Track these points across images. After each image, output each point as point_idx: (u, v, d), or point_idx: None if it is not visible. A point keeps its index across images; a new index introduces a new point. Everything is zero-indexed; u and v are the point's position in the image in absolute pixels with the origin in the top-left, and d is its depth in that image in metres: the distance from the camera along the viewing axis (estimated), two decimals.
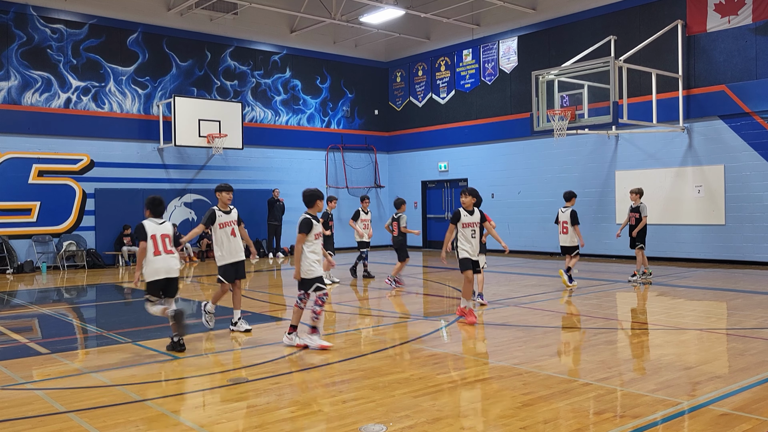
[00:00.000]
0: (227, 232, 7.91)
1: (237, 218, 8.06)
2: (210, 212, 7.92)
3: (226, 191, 8.05)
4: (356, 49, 23.11)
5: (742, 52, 15.06)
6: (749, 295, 10.41)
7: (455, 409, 4.83)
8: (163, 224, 7.22)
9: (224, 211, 7.95)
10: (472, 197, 8.47)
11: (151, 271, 6.92)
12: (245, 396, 5.33)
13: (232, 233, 7.93)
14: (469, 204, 8.45)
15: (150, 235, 6.98)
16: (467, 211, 8.43)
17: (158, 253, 6.95)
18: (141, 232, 7.01)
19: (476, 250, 8.43)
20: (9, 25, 16.53)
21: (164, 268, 6.95)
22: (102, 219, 17.76)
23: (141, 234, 7.00)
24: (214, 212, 7.90)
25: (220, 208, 7.95)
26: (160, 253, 6.96)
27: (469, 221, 8.39)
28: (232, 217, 7.97)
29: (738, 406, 4.78)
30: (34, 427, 4.59)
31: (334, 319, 9.26)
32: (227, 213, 7.96)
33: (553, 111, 15.18)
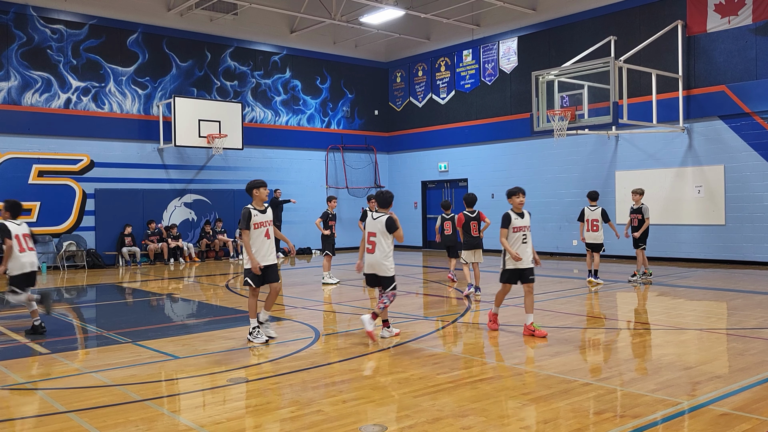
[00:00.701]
0: (262, 233, 7.25)
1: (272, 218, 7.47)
2: (245, 212, 7.23)
3: (264, 187, 7.35)
4: (356, 49, 23.11)
5: (742, 52, 15.06)
6: (749, 295, 10.41)
7: (455, 409, 4.83)
8: (21, 225, 8.14)
9: (260, 210, 7.29)
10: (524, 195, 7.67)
11: (17, 266, 7.92)
12: (245, 396, 5.33)
13: (266, 234, 7.28)
14: (519, 205, 7.58)
15: (14, 235, 7.92)
16: (517, 213, 7.57)
17: (23, 250, 7.96)
18: (6, 232, 7.88)
19: (529, 258, 7.50)
20: (9, 26, 16.54)
21: (29, 262, 8.04)
22: (102, 219, 17.76)
23: (6, 233, 7.87)
24: (250, 212, 7.21)
25: (256, 207, 7.29)
26: (24, 250, 7.99)
27: (520, 224, 7.50)
28: (267, 217, 7.33)
29: (738, 406, 4.78)
30: (34, 427, 4.59)
31: (332, 319, 9.26)
32: (263, 212, 7.30)
33: (553, 111, 15.18)
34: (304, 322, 8.81)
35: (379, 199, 7.52)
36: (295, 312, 9.76)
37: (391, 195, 7.57)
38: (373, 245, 7.35)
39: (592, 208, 12.33)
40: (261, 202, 7.35)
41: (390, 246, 7.33)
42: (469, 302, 10.24)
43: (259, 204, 7.33)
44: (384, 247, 7.27)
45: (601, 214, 12.19)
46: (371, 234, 7.39)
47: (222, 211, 19.83)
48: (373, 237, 7.34)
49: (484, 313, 9.15)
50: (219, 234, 19.37)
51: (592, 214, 12.30)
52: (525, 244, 7.47)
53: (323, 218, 13.12)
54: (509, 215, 7.50)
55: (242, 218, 7.20)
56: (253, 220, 7.18)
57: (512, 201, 7.56)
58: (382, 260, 7.27)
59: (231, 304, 10.63)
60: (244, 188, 7.53)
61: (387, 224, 7.24)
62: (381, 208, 7.48)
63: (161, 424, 4.60)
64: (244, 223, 7.17)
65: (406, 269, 15.76)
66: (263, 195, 7.35)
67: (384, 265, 7.27)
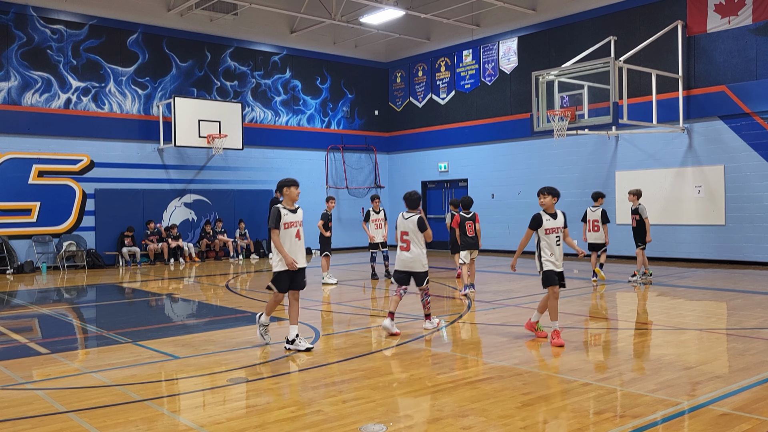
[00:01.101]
0: (292, 234, 6.85)
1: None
2: (275, 212, 6.83)
3: (295, 186, 6.96)
4: (356, 49, 23.11)
5: (742, 52, 15.06)
6: (749, 295, 10.41)
7: (455, 409, 4.83)
8: None
9: (290, 209, 6.90)
10: (552, 196, 7.32)
11: None
12: (245, 396, 5.33)
13: (297, 236, 6.89)
14: (549, 205, 7.33)
15: None
16: (549, 214, 7.31)
17: None
18: None
19: (560, 260, 7.31)
20: (9, 26, 16.54)
21: None
22: (102, 219, 17.77)
23: None
24: (279, 211, 6.82)
25: (286, 206, 6.90)
26: None
27: (552, 226, 7.26)
28: (298, 217, 6.95)
29: (738, 406, 4.78)
30: (34, 427, 4.59)
31: (332, 319, 9.26)
32: (293, 212, 6.91)
33: (553, 111, 15.18)
34: (304, 322, 8.81)
35: (408, 200, 7.90)
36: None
37: (419, 196, 8.01)
38: (407, 243, 7.74)
39: (593, 209, 12.50)
40: (292, 202, 6.97)
41: (423, 243, 7.75)
42: (469, 300, 10.24)
43: (289, 203, 6.96)
44: (418, 244, 7.71)
45: (601, 215, 12.36)
46: (404, 233, 7.80)
47: (222, 211, 19.83)
48: (406, 236, 7.76)
49: (484, 313, 9.16)
50: (219, 234, 19.37)
51: (593, 214, 12.50)
52: (559, 246, 7.26)
53: (324, 219, 13.10)
54: (539, 217, 7.27)
55: (272, 217, 6.82)
56: (283, 220, 6.81)
57: (541, 203, 7.36)
58: (417, 257, 7.72)
59: (231, 304, 10.63)
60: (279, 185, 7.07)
61: (418, 223, 7.67)
62: (411, 209, 7.90)
63: (161, 424, 4.60)
64: (274, 223, 6.79)
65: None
66: (294, 194, 6.96)
67: (420, 261, 7.73)
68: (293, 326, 6.92)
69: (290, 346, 6.86)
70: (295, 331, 6.88)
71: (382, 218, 13.43)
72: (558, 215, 7.32)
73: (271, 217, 6.83)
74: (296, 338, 6.86)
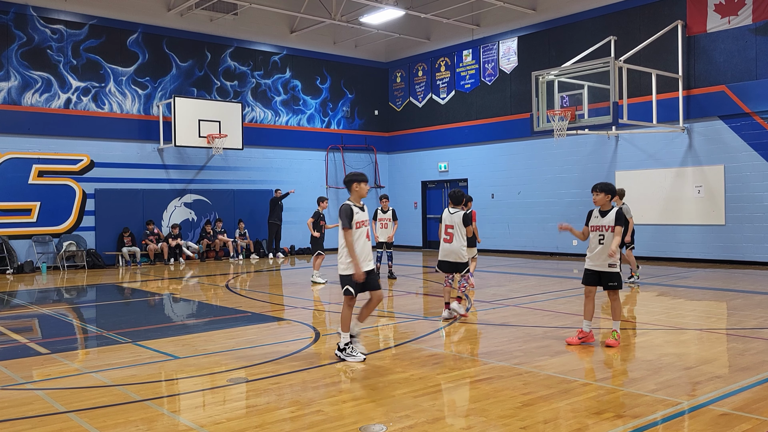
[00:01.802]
0: (363, 234, 6.42)
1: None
2: (347, 209, 6.36)
3: (365, 182, 6.52)
4: (356, 49, 23.11)
5: (742, 52, 15.06)
6: (749, 295, 10.41)
7: (455, 409, 4.83)
8: None
9: (360, 207, 6.48)
10: (605, 194, 6.94)
11: None
12: (245, 396, 5.33)
13: (367, 236, 6.48)
14: (603, 202, 6.94)
15: None
16: (601, 212, 6.95)
17: None
18: None
19: (601, 258, 6.90)
20: (9, 26, 16.54)
21: None
22: (102, 219, 17.77)
23: None
24: (351, 208, 6.36)
25: (355, 204, 6.46)
26: None
27: (597, 224, 6.91)
28: (366, 216, 6.54)
29: (738, 406, 4.78)
30: (34, 427, 4.59)
31: (332, 319, 9.26)
32: (362, 210, 6.49)
33: (553, 111, 15.18)
34: (304, 322, 8.81)
35: (453, 197, 8.66)
36: (295, 312, 9.76)
37: (462, 193, 8.72)
38: (450, 236, 8.41)
39: None
40: (359, 199, 6.51)
41: (465, 237, 8.47)
42: (468, 301, 10.24)
43: (357, 200, 6.49)
44: (460, 237, 8.44)
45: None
46: (448, 226, 8.52)
47: (222, 211, 19.83)
48: (451, 229, 8.45)
49: (484, 313, 9.16)
50: (219, 234, 19.37)
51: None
52: (602, 246, 6.85)
53: (315, 218, 13.01)
54: (591, 212, 7.04)
55: (343, 215, 6.32)
56: (354, 219, 6.33)
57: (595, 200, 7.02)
58: (459, 249, 8.44)
59: (231, 304, 10.63)
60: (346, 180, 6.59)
61: (463, 219, 8.46)
62: (455, 205, 8.64)
63: (161, 424, 4.60)
64: (346, 221, 6.28)
65: (406, 269, 15.75)
66: (363, 191, 6.49)
67: (460, 252, 8.45)
68: (360, 323, 6.53)
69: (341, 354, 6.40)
70: (357, 328, 6.51)
71: (389, 218, 13.23)
72: (609, 213, 6.86)
73: (342, 216, 6.32)
74: (357, 335, 6.51)
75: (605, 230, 6.85)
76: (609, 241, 6.80)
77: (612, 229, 6.81)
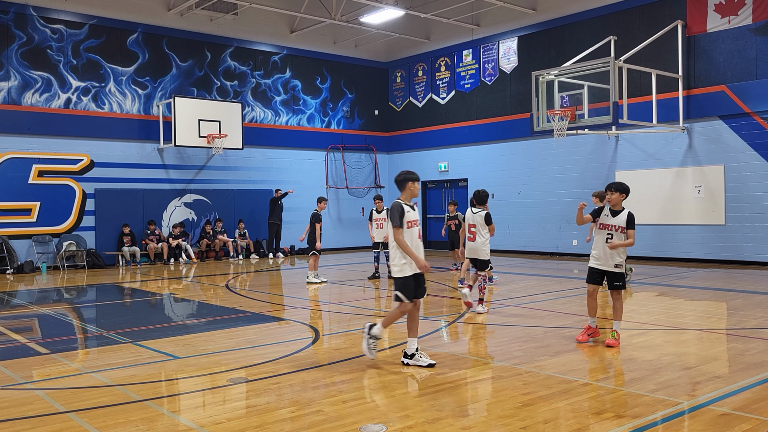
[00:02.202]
0: (414, 233, 6.18)
1: None
2: (398, 207, 6.10)
3: (419, 181, 6.35)
4: (356, 49, 23.11)
5: (742, 52, 15.06)
6: (749, 295, 10.41)
7: (455, 409, 4.83)
8: None
9: (410, 206, 6.24)
10: (620, 193, 6.93)
11: None
12: (245, 396, 5.33)
13: (418, 235, 6.27)
14: (616, 202, 6.95)
15: None
16: (612, 211, 6.97)
17: None
18: None
19: (607, 259, 6.94)
20: (9, 26, 16.54)
21: None
22: (102, 219, 17.76)
23: None
24: (402, 207, 6.11)
25: (406, 202, 6.21)
26: None
27: (607, 222, 6.93)
28: (417, 215, 6.32)
29: (738, 406, 4.78)
30: (34, 427, 4.59)
31: (332, 319, 9.26)
32: (413, 209, 6.26)
33: (553, 111, 15.18)
34: (304, 322, 8.81)
35: (477, 197, 9.20)
36: (295, 312, 9.76)
37: (486, 193, 9.32)
38: (474, 234, 8.87)
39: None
40: (411, 198, 6.30)
41: (487, 235, 9.06)
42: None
43: (408, 199, 6.27)
44: (482, 235, 9.04)
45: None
46: (471, 225, 9.09)
47: (222, 211, 19.83)
48: (473, 228, 8.95)
49: (483, 312, 9.15)
50: (219, 234, 19.37)
51: None
52: (608, 244, 6.90)
53: (313, 219, 13.07)
54: (602, 208, 7.07)
55: (394, 214, 6.09)
56: (406, 217, 6.11)
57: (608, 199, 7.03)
58: (481, 246, 9.07)
59: (231, 304, 10.63)
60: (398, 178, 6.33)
61: (485, 218, 9.05)
62: (479, 204, 9.20)
63: (161, 424, 4.61)
64: (398, 220, 6.05)
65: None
66: (416, 190, 6.31)
67: (483, 250, 9.05)
68: (413, 339, 6.18)
69: (409, 360, 6.12)
70: (414, 345, 6.18)
71: (384, 218, 13.32)
72: (621, 214, 6.90)
73: (393, 214, 6.08)
74: (416, 352, 6.14)
75: (614, 230, 6.89)
76: (618, 241, 6.88)
77: (621, 230, 6.87)
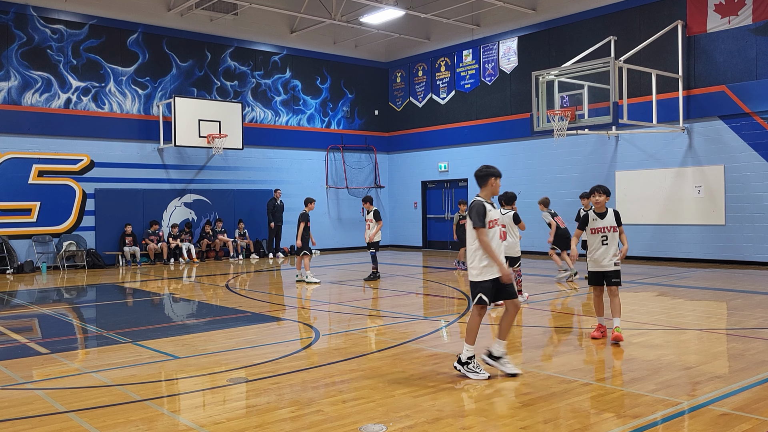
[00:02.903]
0: (496, 234, 5.79)
1: None
2: (479, 206, 5.70)
3: (501, 176, 6.00)
4: (356, 49, 23.11)
5: (742, 52, 15.06)
6: (749, 295, 10.41)
7: (455, 409, 4.83)
8: None
9: (491, 204, 5.88)
10: (606, 195, 7.22)
11: None
12: (245, 396, 5.33)
13: (501, 236, 5.91)
14: (603, 203, 7.18)
15: None
16: (597, 214, 7.19)
17: None
18: None
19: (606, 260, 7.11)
20: (9, 26, 16.54)
21: None
22: (102, 219, 17.76)
23: None
24: (484, 206, 5.72)
25: (486, 200, 5.84)
26: None
27: (598, 226, 7.14)
28: (498, 215, 5.92)
29: (738, 406, 4.78)
30: (34, 427, 4.59)
31: (332, 319, 9.26)
32: (494, 207, 5.88)
33: (553, 111, 15.18)
34: (304, 322, 8.81)
35: (506, 198, 9.56)
36: (295, 312, 9.77)
37: (514, 194, 9.63)
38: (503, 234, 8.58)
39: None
40: (491, 195, 5.93)
41: (517, 233, 9.55)
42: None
43: (488, 197, 5.89)
44: (513, 235, 9.43)
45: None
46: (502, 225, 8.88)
47: (222, 211, 19.83)
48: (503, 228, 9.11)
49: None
50: (219, 234, 19.37)
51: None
52: (606, 246, 7.10)
53: (303, 220, 13.12)
54: (587, 215, 7.26)
55: (475, 213, 5.69)
56: (488, 216, 5.70)
57: (595, 201, 7.24)
58: (512, 244, 9.33)
59: (231, 304, 10.63)
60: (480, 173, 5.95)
61: (514, 218, 9.48)
62: (507, 205, 9.53)
63: (161, 424, 4.61)
64: (479, 220, 5.67)
65: (406, 269, 15.76)
66: (497, 187, 5.93)
67: (513, 248, 9.38)
68: (502, 341, 5.78)
69: (492, 362, 5.76)
70: (501, 348, 5.76)
71: (371, 218, 13.40)
72: (608, 215, 7.15)
73: (474, 214, 5.68)
74: (503, 356, 5.75)
75: (607, 231, 7.15)
76: (612, 240, 7.13)
77: (613, 229, 7.14)
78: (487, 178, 5.87)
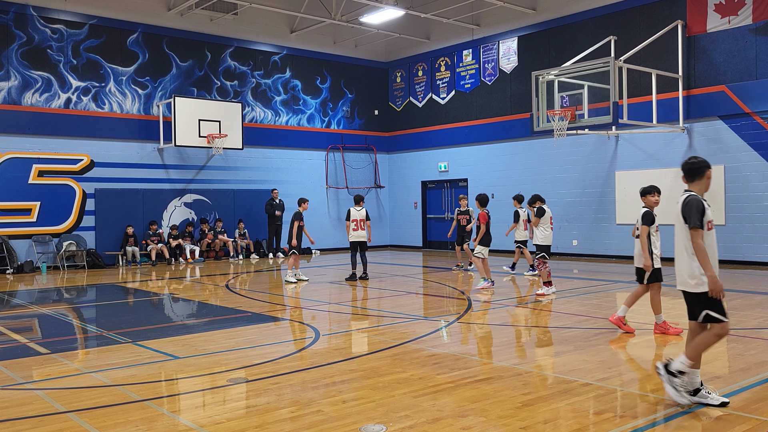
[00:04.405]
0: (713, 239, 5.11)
1: None
2: (698, 204, 5.07)
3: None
4: (356, 49, 23.11)
5: (742, 52, 15.06)
6: (749, 295, 10.41)
7: (455, 409, 4.83)
8: None
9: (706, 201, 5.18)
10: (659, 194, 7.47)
11: None
12: (245, 396, 5.33)
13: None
14: (652, 204, 7.42)
15: None
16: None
17: None
18: None
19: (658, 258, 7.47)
20: (9, 25, 16.53)
21: None
22: (102, 219, 17.76)
23: None
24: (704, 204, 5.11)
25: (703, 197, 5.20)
26: None
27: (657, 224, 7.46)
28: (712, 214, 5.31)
29: (738, 406, 4.78)
30: (34, 427, 4.59)
31: (332, 319, 9.26)
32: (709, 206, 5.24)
33: (553, 111, 15.18)
34: (304, 322, 8.81)
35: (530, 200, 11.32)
36: (295, 312, 9.77)
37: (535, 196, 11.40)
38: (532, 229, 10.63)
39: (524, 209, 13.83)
40: (705, 192, 5.30)
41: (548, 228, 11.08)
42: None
43: (702, 193, 5.27)
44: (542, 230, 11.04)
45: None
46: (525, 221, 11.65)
47: (222, 211, 19.82)
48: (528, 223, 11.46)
49: (483, 313, 9.15)
50: (219, 234, 19.37)
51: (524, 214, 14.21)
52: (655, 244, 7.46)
53: (297, 219, 13.29)
54: (652, 216, 7.40)
55: (693, 211, 4.98)
56: (706, 216, 4.99)
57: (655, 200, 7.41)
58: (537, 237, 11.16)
59: (231, 304, 10.63)
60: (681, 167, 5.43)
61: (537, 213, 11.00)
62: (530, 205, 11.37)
63: (161, 424, 4.61)
64: (698, 219, 4.95)
65: (406, 269, 15.76)
66: (709, 183, 5.32)
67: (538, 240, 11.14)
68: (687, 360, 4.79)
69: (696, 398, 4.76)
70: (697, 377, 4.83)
71: (362, 217, 13.54)
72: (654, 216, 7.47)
73: (693, 212, 4.96)
74: (702, 387, 4.82)
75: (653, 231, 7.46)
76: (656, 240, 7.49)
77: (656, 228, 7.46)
78: (704, 170, 5.17)
